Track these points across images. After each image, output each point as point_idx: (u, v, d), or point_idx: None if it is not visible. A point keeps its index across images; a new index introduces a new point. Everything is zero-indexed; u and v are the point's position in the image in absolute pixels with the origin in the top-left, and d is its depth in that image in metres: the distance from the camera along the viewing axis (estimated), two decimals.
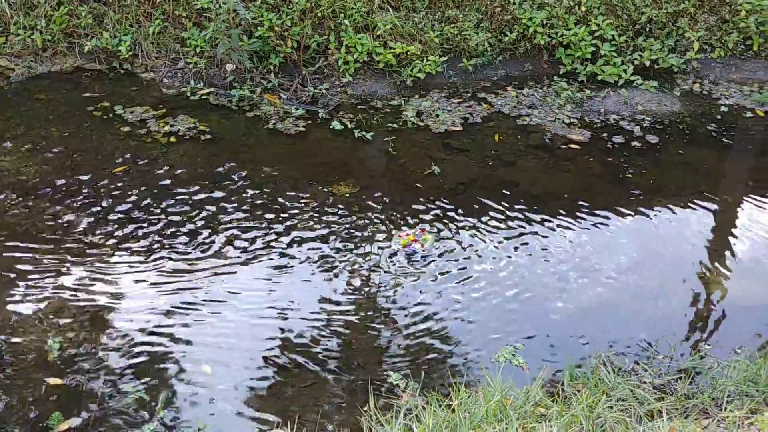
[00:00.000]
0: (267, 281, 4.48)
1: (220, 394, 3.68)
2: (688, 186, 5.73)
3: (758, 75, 7.53)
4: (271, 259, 4.66)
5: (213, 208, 5.08)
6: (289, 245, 4.78)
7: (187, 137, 5.92)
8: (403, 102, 6.66)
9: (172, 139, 5.87)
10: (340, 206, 5.18)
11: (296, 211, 5.10)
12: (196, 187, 5.30)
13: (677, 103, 6.92)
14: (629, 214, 5.29)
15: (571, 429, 3.10)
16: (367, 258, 4.70)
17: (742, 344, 4.15)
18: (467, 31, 7.02)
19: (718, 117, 6.73)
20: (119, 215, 4.96)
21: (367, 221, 5.05)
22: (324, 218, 5.05)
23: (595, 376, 3.72)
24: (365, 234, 4.93)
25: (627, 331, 4.25)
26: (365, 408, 3.44)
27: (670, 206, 5.40)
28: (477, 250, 4.83)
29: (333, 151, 5.92)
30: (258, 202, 5.18)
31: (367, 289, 4.46)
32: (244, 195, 5.24)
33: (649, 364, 3.95)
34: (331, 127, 6.20)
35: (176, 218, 4.97)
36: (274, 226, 4.95)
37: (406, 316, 4.27)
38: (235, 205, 5.13)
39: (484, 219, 5.14)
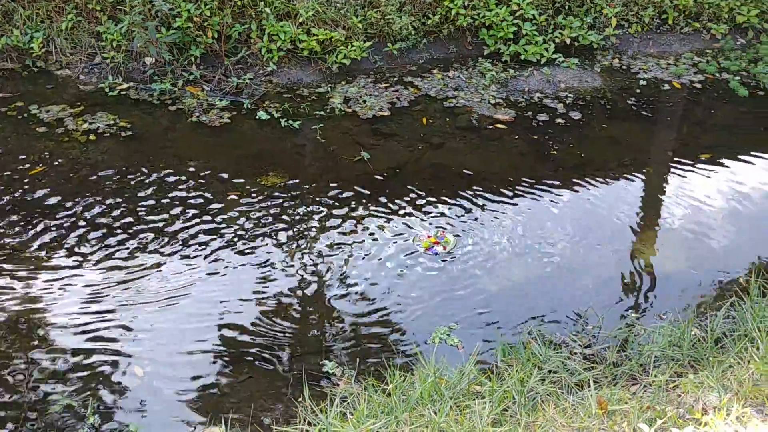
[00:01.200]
0: (198, 277, 4.39)
1: (153, 396, 3.60)
2: (611, 160, 5.87)
3: (674, 48, 7.76)
4: (202, 254, 4.57)
5: (139, 207, 4.95)
6: (220, 239, 4.69)
7: (108, 135, 5.73)
8: (329, 89, 6.61)
9: (92, 138, 5.67)
10: (271, 197, 5.11)
11: (225, 205, 5.01)
12: (120, 186, 5.14)
13: (598, 79, 7.08)
14: (557, 190, 5.38)
15: (504, 404, 3.14)
16: (301, 247, 4.66)
17: (667, 310, 4.29)
18: (390, 15, 7.00)
19: (638, 91, 6.91)
20: (38, 218, 4.78)
21: (298, 210, 5.00)
22: (254, 210, 4.97)
23: (528, 350, 3.79)
24: (298, 224, 4.88)
25: (559, 304, 4.34)
26: (300, 399, 3.41)
27: (596, 180, 5.53)
28: (410, 234, 4.84)
29: (260, 142, 5.84)
30: (185, 197, 5.07)
31: (302, 278, 4.42)
32: (170, 191, 5.12)
33: (579, 335, 4.04)
34: (257, 117, 6.10)
35: (101, 220, 4.81)
36: (203, 220, 4.85)
37: (343, 303, 4.25)
38: (163, 202, 5.01)
39: (416, 202, 5.15)
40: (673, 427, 2.72)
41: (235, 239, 4.71)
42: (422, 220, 4.97)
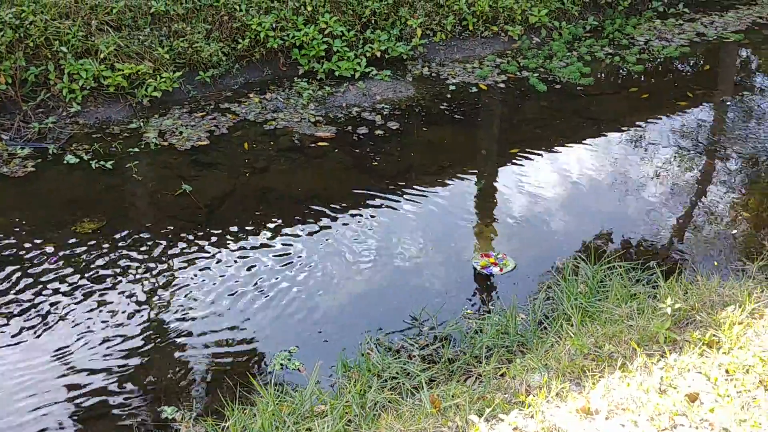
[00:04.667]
0: (18, 336, 4.05)
1: None
2: (432, 164, 6.10)
3: (477, 52, 8.22)
4: (23, 314, 4.21)
5: None
6: (39, 296, 4.36)
7: None
8: (142, 124, 6.38)
9: None
10: (88, 244, 4.83)
11: (41, 259, 4.67)
12: None
13: (411, 88, 7.34)
14: (384, 200, 5.51)
15: (346, 418, 3.15)
16: (126, 291, 4.43)
17: (500, 300, 4.49)
18: (198, 43, 6.88)
19: (449, 96, 7.24)
20: None
21: (117, 254, 4.76)
22: (71, 261, 4.67)
23: (368, 360, 3.83)
24: (118, 268, 4.64)
25: (395, 311, 4.41)
26: None
27: (421, 185, 5.70)
28: (241, 263, 4.75)
29: (71, 188, 5.51)
30: None
31: (130, 323, 4.20)
32: None
33: (416, 338, 4.14)
34: (65, 161, 5.76)
35: None
36: (19, 280, 4.48)
37: (177, 342, 4.09)
38: None
39: (247, 229, 5.07)
40: (501, 413, 2.85)
41: (56, 296, 4.39)
42: (252, 247, 4.90)
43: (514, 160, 6.15)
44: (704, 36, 9.11)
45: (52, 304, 4.32)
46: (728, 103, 7.35)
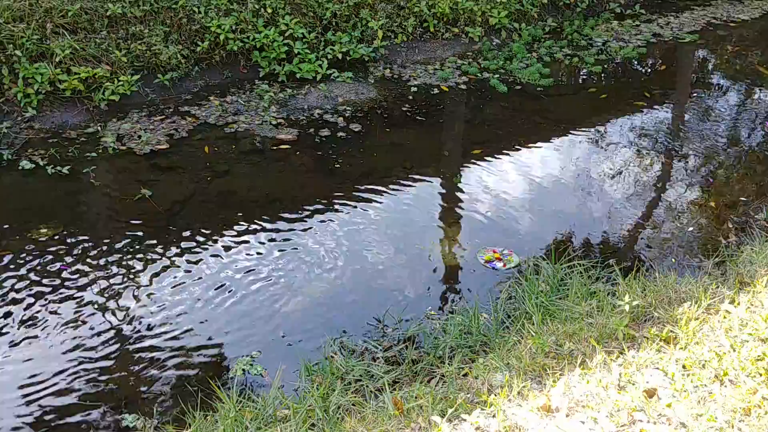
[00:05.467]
0: None
1: None
2: (395, 166, 6.09)
3: (438, 53, 8.25)
4: None
5: None
6: None
7: None
8: (100, 128, 6.27)
9: None
10: (45, 252, 4.73)
11: None
12: None
13: (373, 90, 7.34)
14: (347, 202, 5.49)
15: (309, 422, 3.14)
16: (84, 298, 4.35)
17: (459, 301, 4.51)
18: (156, 46, 6.79)
19: (411, 97, 7.26)
20: None
21: (75, 261, 4.67)
22: (28, 268, 4.57)
23: (331, 364, 3.81)
24: (76, 275, 4.55)
25: (359, 314, 4.40)
26: None
27: (384, 187, 5.69)
28: (201, 267, 4.70)
29: (26, 194, 5.39)
30: None
31: (89, 329, 4.12)
32: None
33: (380, 339, 4.14)
34: (20, 168, 5.63)
35: None
36: None
37: (138, 347, 4.02)
38: None
39: (207, 233, 5.02)
40: (463, 413, 2.86)
41: (10, 300, 4.29)
42: (212, 251, 4.85)
43: (476, 161, 6.18)
44: (660, 37, 9.28)
45: (7, 313, 4.22)
46: (701, 95, 7.52)
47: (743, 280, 3.96)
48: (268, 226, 5.16)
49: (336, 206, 5.44)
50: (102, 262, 4.68)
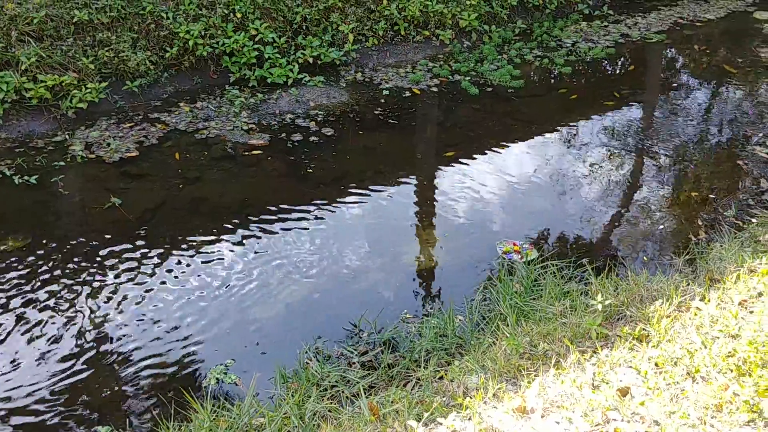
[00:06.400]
0: None
1: None
2: (368, 169, 6.08)
3: (409, 57, 8.26)
4: None
5: None
6: None
7: None
8: (68, 136, 6.18)
9: None
10: (12, 264, 4.64)
11: None
12: None
13: (345, 94, 7.33)
14: (320, 207, 5.47)
15: (284, 431, 3.11)
16: (53, 312, 4.27)
17: (435, 304, 4.51)
18: (124, 53, 6.71)
19: (383, 101, 7.26)
20: None
21: (44, 271, 4.59)
22: None
23: (306, 370, 3.78)
24: (45, 286, 4.47)
25: (334, 319, 4.38)
26: None
27: (357, 190, 5.69)
28: (173, 275, 4.65)
29: None
30: None
31: (61, 340, 4.05)
32: None
33: (356, 345, 4.12)
34: None
35: None
36: None
37: (110, 359, 3.96)
38: None
39: (179, 240, 4.96)
40: (439, 416, 2.86)
41: None
42: (185, 259, 4.80)
43: (449, 163, 6.19)
44: (628, 37, 9.38)
45: None
46: (671, 94, 7.62)
47: (713, 276, 4.00)
48: (241, 232, 5.12)
49: (309, 211, 5.41)
50: (72, 273, 4.61)
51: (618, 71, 8.54)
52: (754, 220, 5.16)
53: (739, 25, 10.05)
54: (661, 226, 5.30)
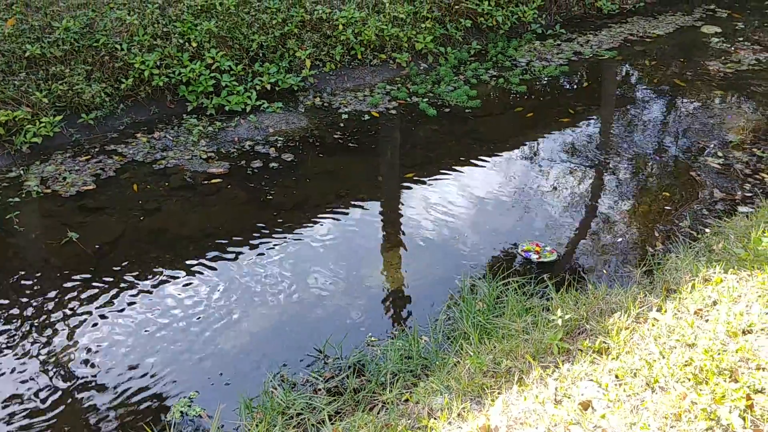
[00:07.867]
0: None
1: None
2: (329, 193, 6.08)
3: (367, 80, 8.32)
4: None
5: None
6: None
7: None
8: (22, 172, 6.08)
9: None
10: None
11: None
12: None
13: (304, 119, 7.34)
14: (282, 234, 5.45)
15: None
16: (11, 351, 4.18)
17: (407, 324, 4.50)
18: (79, 85, 6.64)
19: (342, 124, 7.29)
20: None
21: (2, 310, 4.49)
22: None
23: (272, 399, 3.75)
24: (4, 326, 4.37)
25: (299, 346, 4.35)
26: None
27: (318, 216, 5.68)
28: (134, 309, 4.58)
29: None
30: None
31: (16, 382, 3.96)
32: None
33: (321, 371, 4.10)
34: None
35: None
36: None
37: (75, 394, 3.88)
38: None
39: (138, 273, 4.90)
40: None
41: None
42: (146, 297, 4.74)
43: (410, 184, 6.23)
44: (581, 54, 9.58)
45: None
46: (625, 109, 7.79)
47: (669, 287, 4.08)
48: (202, 261, 5.08)
49: (271, 238, 5.39)
50: (29, 310, 4.52)
51: (572, 88, 8.70)
52: (707, 230, 5.28)
53: (687, 39, 10.33)
54: (620, 239, 5.39)
